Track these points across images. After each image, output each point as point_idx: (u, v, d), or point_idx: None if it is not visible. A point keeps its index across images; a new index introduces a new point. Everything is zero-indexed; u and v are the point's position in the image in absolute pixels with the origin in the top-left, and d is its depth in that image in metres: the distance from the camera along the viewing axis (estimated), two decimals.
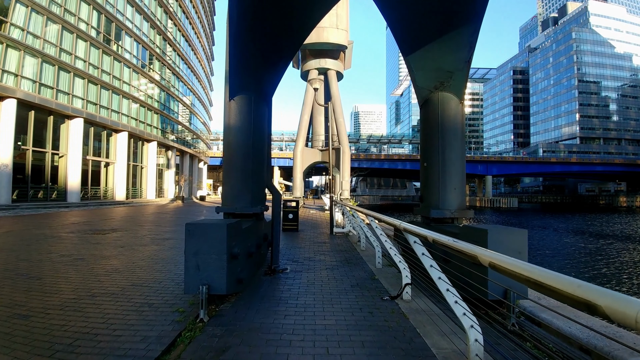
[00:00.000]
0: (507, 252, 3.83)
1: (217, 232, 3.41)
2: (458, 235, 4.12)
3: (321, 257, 6.52)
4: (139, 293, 4.05)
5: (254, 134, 5.10)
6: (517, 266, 1.50)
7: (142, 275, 4.84)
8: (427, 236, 1.97)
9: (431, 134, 5.35)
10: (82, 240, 7.70)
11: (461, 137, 5.25)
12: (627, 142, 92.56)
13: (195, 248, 3.37)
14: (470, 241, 3.45)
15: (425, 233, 1.98)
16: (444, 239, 1.81)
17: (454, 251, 2.09)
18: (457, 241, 1.84)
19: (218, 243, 3.40)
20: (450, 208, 5.13)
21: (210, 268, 3.39)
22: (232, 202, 5.06)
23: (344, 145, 22.35)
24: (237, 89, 4.90)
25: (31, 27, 19.59)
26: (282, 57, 5.02)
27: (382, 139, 67.33)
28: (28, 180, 20.03)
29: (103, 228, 9.83)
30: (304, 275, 5.07)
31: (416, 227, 2.19)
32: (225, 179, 5.16)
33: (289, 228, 10.48)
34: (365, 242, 7.52)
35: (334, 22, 21.45)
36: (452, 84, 5.04)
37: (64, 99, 21.59)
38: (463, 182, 5.18)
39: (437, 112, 5.17)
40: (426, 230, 2.01)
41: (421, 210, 5.58)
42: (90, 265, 5.48)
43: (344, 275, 5.15)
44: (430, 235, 1.94)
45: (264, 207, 5.44)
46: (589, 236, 28.48)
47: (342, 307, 3.70)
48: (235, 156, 5.05)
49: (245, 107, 5.01)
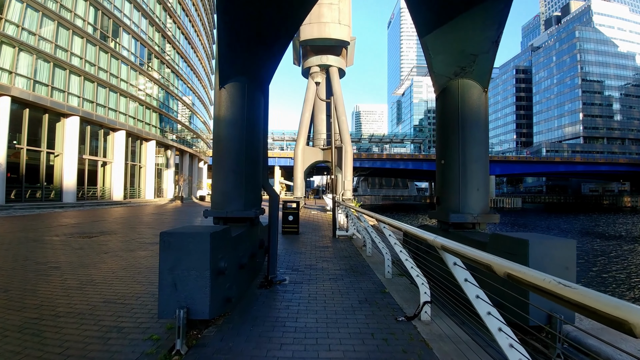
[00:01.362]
0: (552, 269, 3.21)
1: (198, 243, 2.80)
2: (487, 245, 3.51)
3: (324, 265, 5.91)
4: (110, 313, 3.45)
5: (247, 127, 4.48)
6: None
7: (119, 288, 4.24)
8: (485, 262, 1.36)
9: (449, 128, 4.71)
10: (64, 245, 7.12)
11: (484, 131, 4.61)
12: (630, 142, 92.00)
13: (171, 262, 2.77)
14: (502, 253, 2.84)
15: (484, 257, 1.38)
16: (526, 271, 1.23)
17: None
18: (535, 272, 1.25)
19: (199, 256, 2.79)
20: (473, 212, 4.49)
21: (189, 287, 2.78)
22: (222, 205, 4.44)
23: (346, 144, 21.72)
24: (228, 74, 4.28)
25: (26, 24, 19.10)
26: (279, 37, 4.38)
27: (384, 139, 66.66)
28: (22, 180, 19.51)
29: (91, 231, 9.25)
30: (304, 288, 4.45)
31: (461, 246, 1.62)
32: (215, 178, 4.53)
33: (289, 231, 9.87)
34: (371, 248, 6.91)
35: (336, 17, 20.80)
36: (475, 69, 4.40)
37: (59, 97, 21.05)
38: (487, 182, 4.55)
39: (457, 102, 4.52)
40: (483, 254, 1.42)
41: (438, 214, 4.93)
42: (65, 275, 4.89)
43: (350, 287, 4.54)
44: (489, 260, 1.34)
45: (259, 210, 4.82)
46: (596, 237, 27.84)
47: (350, 332, 3.09)
48: (226, 152, 4.43)
49: (237, 96, 4.38)
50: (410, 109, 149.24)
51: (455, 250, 1.65)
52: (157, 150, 33.37)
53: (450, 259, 1.89)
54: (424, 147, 74.32)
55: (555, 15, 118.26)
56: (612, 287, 11.61)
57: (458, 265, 1.89)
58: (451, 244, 1.73)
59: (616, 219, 42.81)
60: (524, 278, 1.27)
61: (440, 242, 1.87)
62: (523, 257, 2.89)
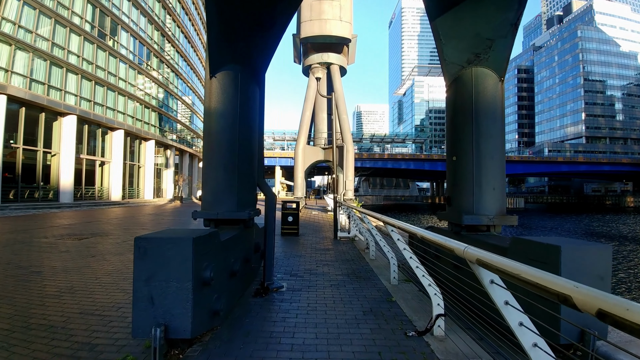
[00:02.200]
0: (585, 279, 2.83)
1: (178, 250, 2.42)
2: (508, 251, 3.12)
3: (324, 269, 5.53)
4: (85, 327, 3.08)
5: (240, 119, 4.08)
6: None
7: (99, 297, 3.87)
8: (560, 291, 0.96)
9: (462, 121, 4.30)
10: (51, 248, 6.76)
11: (501, 124, 4.20)
12: (633, 142, 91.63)
13: (147, 273, 2.39)
14: (527, 260, 2.46)
15: (555, 282, 0.99)
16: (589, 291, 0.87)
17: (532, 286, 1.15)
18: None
19: (179, 265, 2.42)
20: (488, 213, 4.08)
21: (168, 301, 2.41)
22: (212, 205, 4.03)
23: (347, 143, 21.33)
24: (220, 61, 3.90)
25: (23, 21, 18.79)
26: (276, 18, 3.98)
27: (386, 138, 66.24)
28: (18, 179, 19.19)
29: (82, 232, 8.89)
30: (303, 296, 4.07)
31: (507, 262, 1.23)
32: (205, 176, 4.12)
33: (288, 232, 9.49)
34: (375, 251, 6.53)
35: (337, 14, 20.40)
36: (490, 56, 4.00)
37: (56, 95, 20.74)
38: (503, 180, 4.14)
39: (470, 92, 4.11)
40: (550, 276, 1.03)
41: (448, 216, 4.52)
42: (45, 281, 4.52)
43: (354, 295, 4.16)
44: (566, 289, 0.94)
45: (254, 211, 4.41)
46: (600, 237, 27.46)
47: (355, 350, 2.71)
48: (217, 147, 4.03)
49: (229, 86, 3.99)
50: (411, 109, 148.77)
51: (498, 267, 1.26)
52: (157, 150, 33.04)
53: (487, 276, 1.50)
54: (425, 147, 73.96)
55: (557, 14, 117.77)
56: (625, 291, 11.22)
57: (497, 284, 1.50)
58: (492, 257, 1.35)
59: (619, 219, 42.48)
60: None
61: (474, 254, 1.48)
62: (553, 265, 2.51)
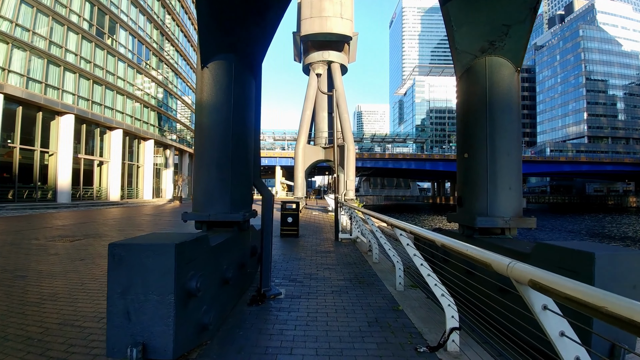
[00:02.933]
0: (619, 288, 2.55)
1: (158, 258, 2.13)
2: (530, 257, 2.83)
3: (325, 274, 5.24)
4: (62, 339, 2.80)
5: (235, 113, 3.76)
6: None
7: (82, 305, 3.58)
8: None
9: (474, 115, 3.98)
10: (40, 250, 6.48)
11: (517, 118, 3.88)
12: (635, 141, 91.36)
13: (123, 284, 2.10)
14: (553, 268, 2.17)
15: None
16: None
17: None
18: None
19: (160, 275, 2.12)
20: (504, 215, 3.76)
21: (147, 317, 2.11)
22: (204, 207, 3.73)
23: (348, 143, 21.01)
24: (212, 50, 3.60)
25: (20, 19, 18.56)
26: (271, 3, 3.69)
27: (387, 138, 65.87)
28: (15, 179, 18.95)
29: (75, 234, 8.61)
30: (302, 304, 3.77)
31: (575, 284, 0.93)
32: (196, 174, 3.83)
33: (288, 234, 9.20)
34: (378, 253, 6.23)
35: (338, 11, 20.07)
36: (506, 43, 3.67)
37: (53, 94, 20.49)
38: (519, 179, 3.82)
39: (484, 84, 3.78)
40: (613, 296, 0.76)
41: (460, 217, 4.21)
42: (28, 287, 4.24)
43: (357, 303, 3.86)
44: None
45: (249, 213, 4.12)
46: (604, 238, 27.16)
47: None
48: (209, 143, 3.73)
49: (223, 77, 3.68)
50: (412, 108, 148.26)
51: (563, 292, 0.93)
52: (156, 150, 32.78)
53: (539, 300, 1.20)
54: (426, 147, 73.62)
55: (559, 14, 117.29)
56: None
57: (551, 311, 1.19)
58: (551, 278, 1.04)
59: (622, 220, 42.20)
60: None
61: (525, 273, 1.14)
62: (586, 275, 2.22)
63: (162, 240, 2.31)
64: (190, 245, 2.38)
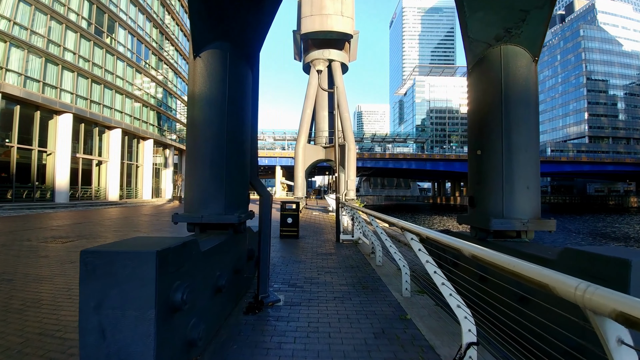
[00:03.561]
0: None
1: (136, 268, 1.86)
2: (556, 264, 2.59)
3: (327, 278, 5.00)
4: (41, 352, 2.57)
5: (230, 106, 3.50)
6: None
7: (66, 313, 3.35)
8: None
9: (488, 108, 3.72)
10: (30, 252, 6.25)
11: (535, 112, 3.64)
12: (635, 142, 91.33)
13: (97, 297, 1.84)
14: (583, 276, 1.94)
15: None
16: None
17: None
18: None
19: (139, 287, 1.86)
20: (521, 217, 3.51)
21: (125, 334, 1.84)
22: (196, 208, 3.48)
23: (349, 142, 20.77)
24: (205, 38, 3.35)
25: (18, 18, 18.36)
26: None
27: (387, 138, 65.62)
28: (13, 179, 18.74)
29: (69, 235, 8.38)
30: (302, 313, 3.52)
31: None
32: (188, 173, 3.57)
33: (287, 235, 8.97)
34: (381, 256, 5.99)
35: (339, 9, 19.82)
36: (523, 31, 3.43)
37: (51, 93, 20.28)
38: (538, 178, 3.56)
39: (499, 74, 3.54)
40: None
41: (472, 219, 3.96)
42: (13, 291, 4.01)
43: (361, 311, 3.62)
44: None
45: (245, 214, 3.85)
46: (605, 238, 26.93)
47: None
48: (203, 139, 3.46)
49: (217, 67, 3.42)
50: (412, 108, 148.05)
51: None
52: (155, 150, 32.57)
53: (615, 332, 0.95)
54: (427, 147, 73.42)
55: (559, 13, 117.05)
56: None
57: (627, 346, 0.95)
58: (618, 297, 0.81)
59: (623, 220, 42.02)
60: None
61: (610, 301, 0.85)
62: (620, 283, 1.99)
63: (141, 246, 2.02)
64: (176, 252, 2.10)
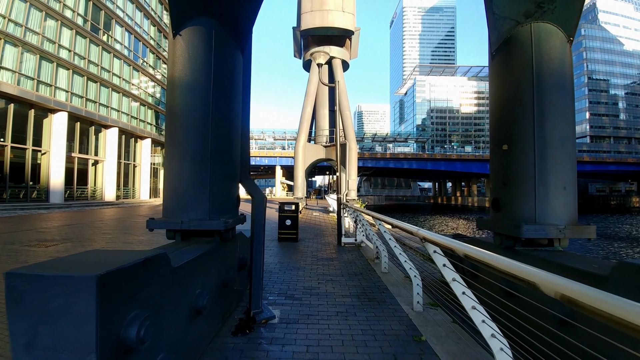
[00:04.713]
0: None
1: (70, 298, 1.37)
2: (609, 280, 2.12)
3: (328, 288, 4.54)
4: None
5: (215, 93, 2.99)
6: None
7: None
8: None
9: (516, 95, 3.17)
10: (10, 257, 5.80)
11: (571, 100, 3.11)
12: (636, 141, 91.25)
13: (27, 333, 1.36)
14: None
15: None
16: None
17: None
18: None
19: (75, 323, 1.38)
20: (558, 222, 3.01)
21: None
22: (176, 212, 2.97)
23: (350, 141, 20.30)
24: (187, 13, 2.86)
25: (13, 14, 17.94)
26: None
27: (388, 138, 65.12)
28: (6, 179, 18.31)
29: (55, 238, 7.93)
30: (300, 333, 3.03)
31: None
32: (167, 171, 3.06)
33: (286, 238, 8.51)
34: (387, 262, 5.53)
35: (340, 5, 19.35)
36: (557, 6, 2.91)
37: (46, 91, 19.83)
38: (575, 177, 3.05)
39: (529, 56, 3.02)
40: None
41: (496, 225, 3.43)
42: None
43: (368, 330, 3.16)
44: None
45: (234, 219, 3.32)
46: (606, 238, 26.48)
47: None
48: (183, 131, 2.96)
49: (200, 47, 2.92)
50: (412, 108, 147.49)
51: None
52: (153, 149, 32.11)
53: None
54: (427, 147, 72.97)
55: None
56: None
57: None
58: None
59: (626, 220, 41.56)
60: None
61: None
62: None
63: (82, 267, 1.52)
64: (131, 273, 1.61)
